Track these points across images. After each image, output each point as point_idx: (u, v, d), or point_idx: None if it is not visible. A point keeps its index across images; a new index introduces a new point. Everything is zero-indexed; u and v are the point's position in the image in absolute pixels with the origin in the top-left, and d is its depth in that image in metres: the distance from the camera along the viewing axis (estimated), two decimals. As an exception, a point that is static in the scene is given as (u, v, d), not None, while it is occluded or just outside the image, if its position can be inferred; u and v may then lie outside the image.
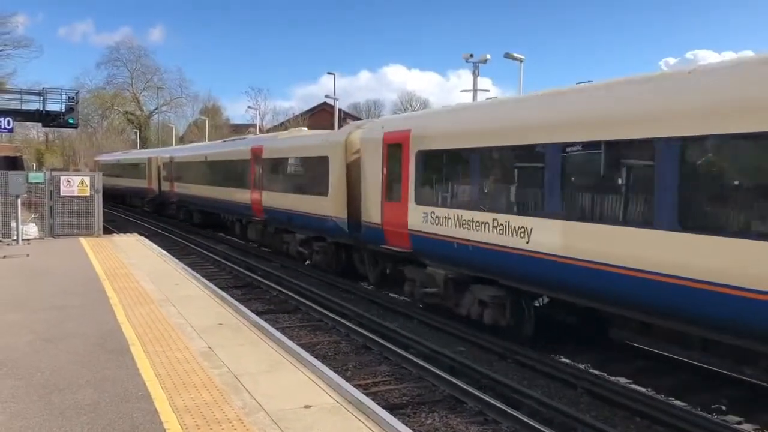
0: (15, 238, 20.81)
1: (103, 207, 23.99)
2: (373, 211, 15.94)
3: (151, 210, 44.37)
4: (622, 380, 10.35)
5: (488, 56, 31.82)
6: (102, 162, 61.92)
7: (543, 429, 8.26)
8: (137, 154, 52.24)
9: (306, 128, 32.49)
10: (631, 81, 9.78)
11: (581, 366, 11.06)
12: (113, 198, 53.88)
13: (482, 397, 9.36)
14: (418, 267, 14.51)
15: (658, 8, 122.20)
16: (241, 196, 25.69)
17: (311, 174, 20.07)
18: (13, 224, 21.03)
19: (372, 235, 16.11)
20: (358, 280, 18.48)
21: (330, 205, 18.31)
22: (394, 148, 15.11)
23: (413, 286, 14.86)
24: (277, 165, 23.11)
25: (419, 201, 14.08)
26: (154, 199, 42.84)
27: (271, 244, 24.74)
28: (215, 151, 31.61)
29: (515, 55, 30.22)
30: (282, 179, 22.70)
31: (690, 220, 8.20)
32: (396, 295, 16.57)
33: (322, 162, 19.01)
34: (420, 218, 13.94)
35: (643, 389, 9.81)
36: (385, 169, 15.43)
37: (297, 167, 21.68)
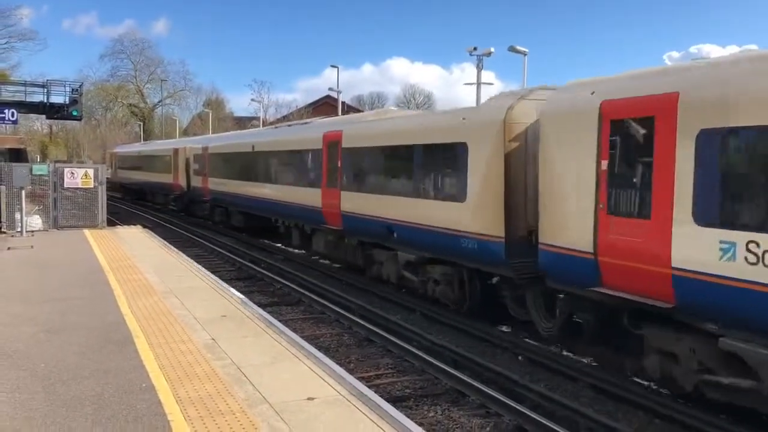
0: (19, 229, 20.87)
1: (122, 205, 23.72)
2: (572, 230, 10.08)
3: (177, 209, 38.34)
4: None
5: (492, 49, 31.70)
6: (119, 154, 57.84)
7: (545, 422, 8.28)
8: (161, 145, 46.20)
9: (394, 108, 25.51)
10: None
11: (584, 360, 11.08)
12: (133, 195, 50.99)
13: (485, 390, 9.37)
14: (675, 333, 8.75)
15: (662, 2, 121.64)
16: (307, 197, 20.02)
17: (432, 170, 14.16)
18: (18, 216, 21.10)
19: (567, 269, 10.24)
20: (499, 323, 13.20)
21: (469, 216, 12.51)
22: (631, 126, 9.21)
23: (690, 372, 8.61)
24: (365, 157, 17.01)
25: (708, 218, 7.98)
26: (182, 196, 36.78)
27: (347, 260, 18.95)
28: (267, 139, 25.66)
29: (519, 48, 30.07)
30: (375, 176, 16.50)
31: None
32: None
33: (454, 152, 13.16)
34: (711, 252, 7.86)
35: (645, 383, 9.81)
36: (605, 162, 9.58)
37: (402, 160, 15.41)
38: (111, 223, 26.36)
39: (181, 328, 9.66)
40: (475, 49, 31.94)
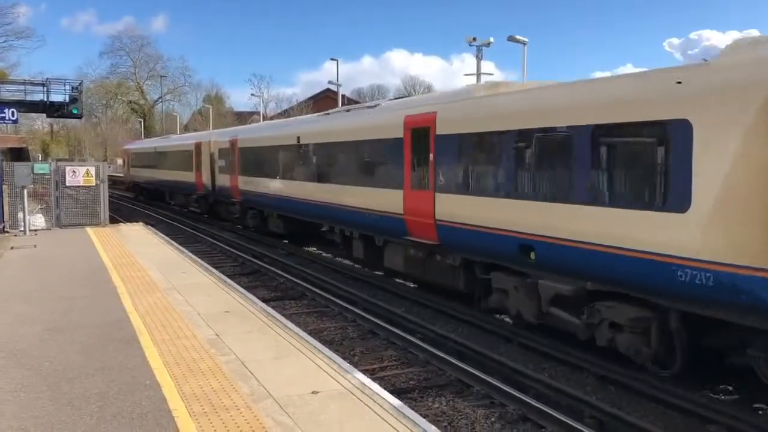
0: (22, 228, 20.90)
1: (136, 206, 23.43)
2: None
3: (201, 211, 34.55)
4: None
5: (491, 40, 31.66)
6: (132, 151, 52.99)
7: (550, 411, 8.28)
8: (180, 139, 41.68)
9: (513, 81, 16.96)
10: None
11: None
12: (148, 195, 47.33)
13: (489, 380, 9.38)
14: None
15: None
16: (379, 200, 15.60)
17: (610, 162, 9.64)
18: (20, 215, 21.14)
19: None
20: (717, 388, 9.26)
21: (695, 235, 8.22)
22: None
23: None
24: (477, 147, 12.62)
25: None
26: (206, 197, 32.68)
27: (440, 283, 14.45)
28: (318, 128, 20.41)
29: (518, 38, 29.99)
30: (499, 173, 11.98)
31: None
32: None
33: (659, 135, 8.77)
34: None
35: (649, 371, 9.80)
36: None
37: (549, 150, 10.80)
38: (113, 220, 26.39)
39: (184, 324, 9.68)
40: (474, 39, 31.90)
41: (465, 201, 12.62)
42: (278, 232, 24.37)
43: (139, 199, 49.11)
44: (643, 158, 9.16)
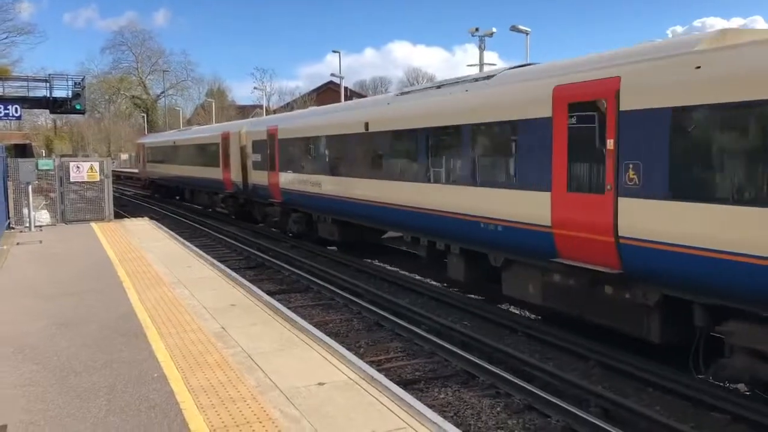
0: (27, 225, 20.99)
1: (153, 204, 22.77)
2: None
3: (230, 212, 30.52)
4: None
5: (494, 30, 31.54)
6: (147, 145, 47.67)
7: (555, 401, 8.32)
8: (204, 131, 35.95)
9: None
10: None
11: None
12: (166, 193, 43.42)
13: (494, 370, 9.42)
14: None
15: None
16: (504, 205, 11.69)
17: None
18: (25, 211, 21.22)
19: None
20: None
21: None
22: None
23: None
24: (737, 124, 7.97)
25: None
26: (235, 196, 28.98)
27: (604, 322, 10.25)
28: (396, 112, 15.70)
29: (521, 27, 29.91)
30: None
31: None
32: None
33: None
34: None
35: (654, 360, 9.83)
36: None
37: None
38: (118, 215, 26.46)
39: (191, 317, 9.73)
40: (477, 29, 31.79)
41: (688, 211, 8.29)
42: (330, 240, 20.36)
43: (155, 197, 45.19)
44: None
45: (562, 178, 10.25)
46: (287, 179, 22.10)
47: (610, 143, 9.31)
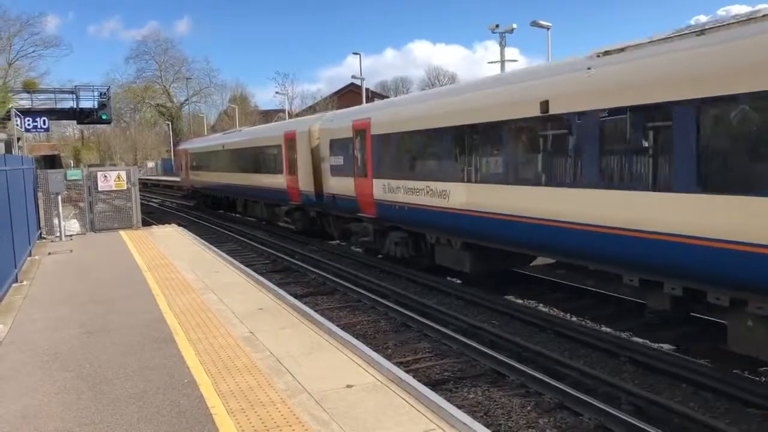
0: (58, 234, 21.35)
1: (181, 211, 22.26)
2: None
3: (297, 228, 25.29)
4: (665, 347, 10.26)
5: (514, 26, 31.38)
6: (191, 150, 42.56)
7: (587, 399, 8.23)
8: (260, 132, 30.45)
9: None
10: None
11: (623, 334, 10.97)
12: (214, 203, 39.15)
13: (524, 369, 9.34)
14: None
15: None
16: None
17: None
18: (56, 221, 21.59)
19: None
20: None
21: None
22: None
23: None
24: None
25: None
26: (303, 208, 24.35)
27: None
28: (618, 73, 9.82)
29: (542, 22, 29.68)
30: None
31: None
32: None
33: None
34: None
35: (686, 357, 9.68)
36: None
37: None
38: (146, 223, 26.78)
39: (219, 322, 9.80)
40: (497, 26, 31.64)
41: None
42: (455, 269, 15.15)
43: (200, 208, 40.93)
44: None
45: None
46: (385, 188, 17.01)
47: None
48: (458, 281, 15.68)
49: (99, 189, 22.86)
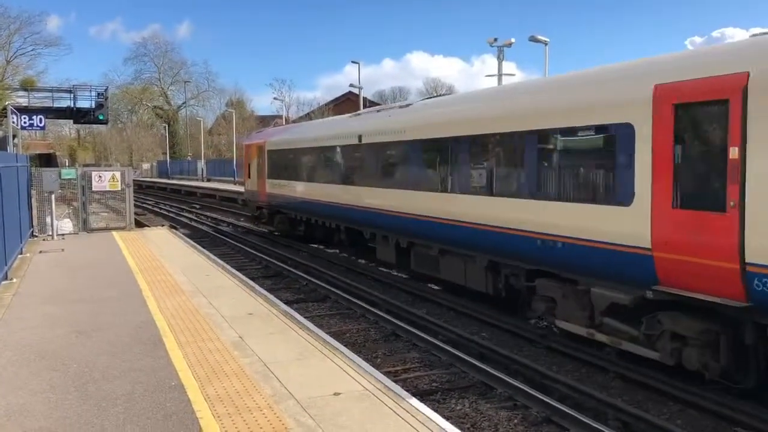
0: (50, 233, 21.26)
1: (276, 248, 20.87)
2: None
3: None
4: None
5: (513, 40, 31.56)
6: (276, 146, 25.63)
7: (574, 413, 8.22)
8: (401, 114, 17.13)
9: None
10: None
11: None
12: (313, 235, 23.45)
13: (512, 382, 9.34)
14: None
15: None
16: None
17: None
18: (48, 220, 21.51)
19: None
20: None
21: None
22: None
23: None
24: None
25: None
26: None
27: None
28: None
29: (540, 38, 29.88)
30: None
31: None
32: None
33: None
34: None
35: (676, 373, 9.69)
36: None
37: None
38: (139, 224, 26.70)
39: (208, 326, 9.78)
40: (495, 40, 31.83)
41: None
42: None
43: (283, 241, 25.13)
44: None
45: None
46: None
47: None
48: (437, 286, 16.03)
49: (93, 189, 22.78)
